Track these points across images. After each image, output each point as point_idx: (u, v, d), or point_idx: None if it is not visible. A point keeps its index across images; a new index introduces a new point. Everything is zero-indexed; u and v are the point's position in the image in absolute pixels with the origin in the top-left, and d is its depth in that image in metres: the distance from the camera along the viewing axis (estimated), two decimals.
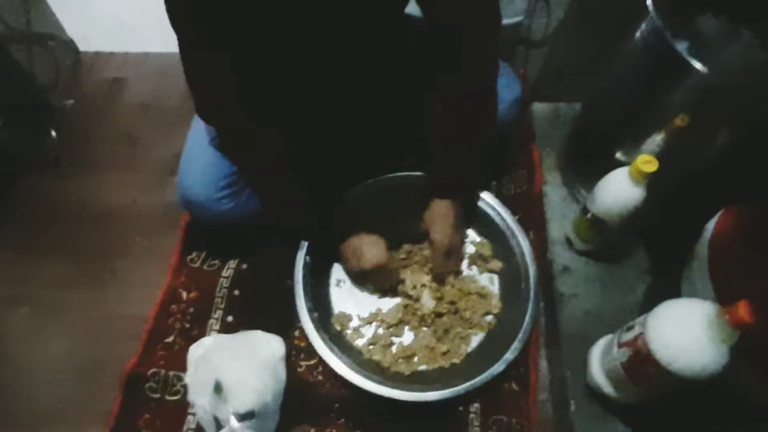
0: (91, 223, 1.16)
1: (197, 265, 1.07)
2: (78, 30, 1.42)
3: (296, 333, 0.97)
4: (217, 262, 1.07)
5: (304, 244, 0.96)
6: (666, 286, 0.85)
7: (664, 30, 0.71)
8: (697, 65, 0.69)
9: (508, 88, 0.97)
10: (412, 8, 0.86)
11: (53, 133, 1.23)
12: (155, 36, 0.84)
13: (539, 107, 1.21)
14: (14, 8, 1.16)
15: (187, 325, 1.00)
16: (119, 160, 1.26)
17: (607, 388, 0.79)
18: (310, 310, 0.91)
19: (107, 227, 1.15)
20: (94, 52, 1.44)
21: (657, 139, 0.85)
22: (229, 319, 1.00)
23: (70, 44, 1.40)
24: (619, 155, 0.93)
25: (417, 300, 0.97)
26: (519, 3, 1.21)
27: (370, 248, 0.90)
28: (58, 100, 1.32)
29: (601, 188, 0.85)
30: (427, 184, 0.93)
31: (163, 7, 0.72)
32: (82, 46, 1.43)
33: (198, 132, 0.94)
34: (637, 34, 0.79)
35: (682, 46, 0.70)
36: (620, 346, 0.73)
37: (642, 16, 0.77)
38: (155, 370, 0.95)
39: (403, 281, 0.98)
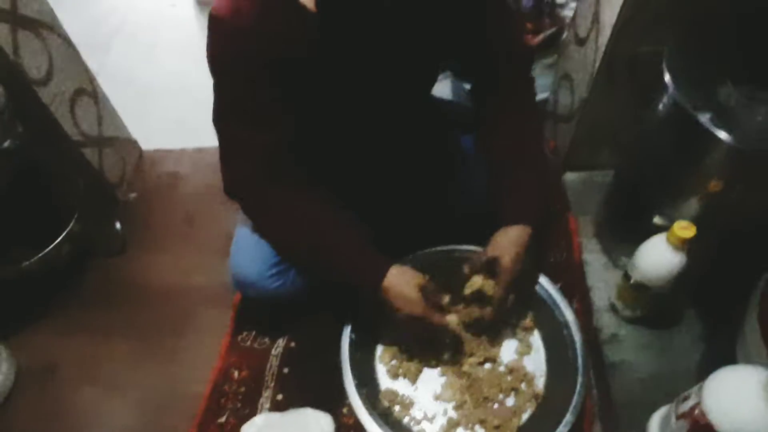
0: (152, 305, 1.24)
1: (248, 344, 1.10)
2: (141, 131, 1.58)
3: (344, 410, 0.98)
4: (266, 340, 1.10)
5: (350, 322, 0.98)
6: (722, 352, 0.83)
7: (685, 103, 0.75)
8: (722, 135, 0.71)
9: None
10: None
11: (118, 225, 1.35)
12: (207, 133, 0.95)
13: (572, 177, 1.24)
14: (89, 117, 1.32)
15: (239, 405, 1.02)
16: (177, 244, 1.35)
17: None
18: (357, 387, 0.92)
19: (167, 308, 1.22)
20: (154, 150, 1.59)
21: (693, 203, 0.86)
22: (279, 397, 1.02)
23: (134, 144, 1.55)
24: (656, 219, 0.93)
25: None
26: (544, 80, 1.28)
27: (401, 296, 0.84)
28: (123, 194, 1.45)
29: (640, 255, 0.86)
30: (496, 212, 0.89)
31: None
32: (144, 145, 1.59)
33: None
34: (660, 106, 0.82)
35: (704, 117, 0.73)
36: (678, 417, 0.71)
37: (662, 90, 0.81)
38: None
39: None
